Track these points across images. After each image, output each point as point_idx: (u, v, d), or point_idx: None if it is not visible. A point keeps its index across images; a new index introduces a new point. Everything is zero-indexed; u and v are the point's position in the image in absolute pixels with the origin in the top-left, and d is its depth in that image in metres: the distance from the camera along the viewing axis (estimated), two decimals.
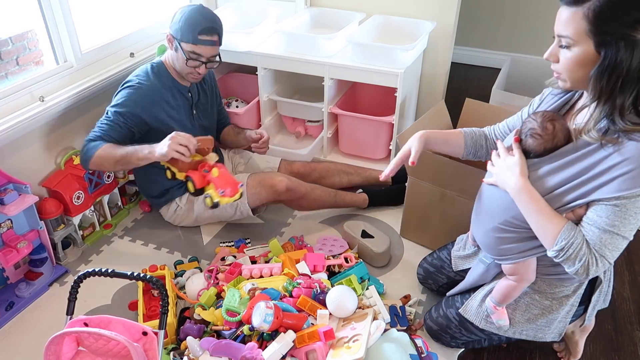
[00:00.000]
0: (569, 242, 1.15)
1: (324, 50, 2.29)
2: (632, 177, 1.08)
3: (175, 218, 2.11)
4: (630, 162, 1.08)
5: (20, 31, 1.86)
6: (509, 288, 1.38)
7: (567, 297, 1.39)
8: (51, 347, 1.26)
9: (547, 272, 1.35)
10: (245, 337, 1.49)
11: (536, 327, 1.43)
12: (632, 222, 1.12)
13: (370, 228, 2.01)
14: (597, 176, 1.13)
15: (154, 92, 1.86)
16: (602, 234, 1.13)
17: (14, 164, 1.83)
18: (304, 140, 2.67)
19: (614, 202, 1.11)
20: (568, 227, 1.16)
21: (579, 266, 1.15)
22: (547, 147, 1.23)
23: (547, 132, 1.23)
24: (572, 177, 1.17)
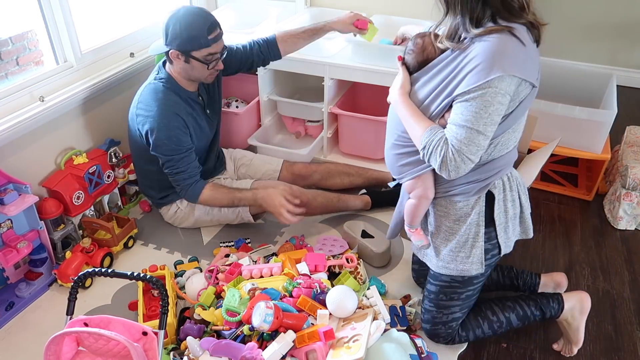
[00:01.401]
0: (430, 139, 1.26)
1: (325, 50, 2.29)
2: (478, 71, 1.18)
3: (175, 219, 2.11)
4: (476, 58, 1.19)
5: (20, 31, 1.86)
6: (412, 207, 1.47)
7: (468, 215, 1.43)
8: (51, 347, 1.26)
9: (444, 189, 1.43)
10: (245, 337, 1.49)
11: (456, 258, 1.47)
12: (484, 116, 1.20)
13: (371, 228, 2.01)
14: (455, 77, 1.25)
15: (179, 110, 1.85)
16: (458, 129, 1.22)
17: (14, 164, 1.83)
18: (304, 140, 2.67)
19: (465, 97, 1.21)
20: (432, 127, 1.28)
21: (440, 160, 1.24)
22: (419, 60, 1.36)
23: (417, 46, 1.37)
24: (439, 83, 1.29)
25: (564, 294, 1.61)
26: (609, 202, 2.26)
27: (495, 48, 1.18)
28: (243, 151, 2.34)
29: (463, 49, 1.25)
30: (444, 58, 1.30)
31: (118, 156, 2.17)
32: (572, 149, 2.24)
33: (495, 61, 1.17)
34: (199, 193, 1.93)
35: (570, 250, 2.07)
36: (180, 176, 1.89)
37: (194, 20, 1.74)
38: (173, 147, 1.84)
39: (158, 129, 1.81)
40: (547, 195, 2.38)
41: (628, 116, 2.92)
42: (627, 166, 2.14)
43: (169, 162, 1.87)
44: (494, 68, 1.17)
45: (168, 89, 1.85)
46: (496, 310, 1.58)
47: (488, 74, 1.17)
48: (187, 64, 1.80)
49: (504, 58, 1.17)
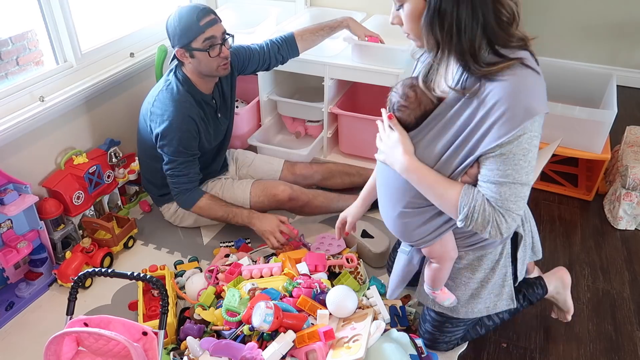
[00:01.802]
0: (471, 206, 1.11)
1: (326, 50, 2.29)
2: (507, 119, 1.04)
3: (176, 218, 2.11)
4: (500, 104, 1.04)
5: (20, 31, 1.86)
6: (435, 271, 1.35)
7: (497, 263, 1.36)
8: (51, 347, 1.26)
9: (467, 243, 1.32)
10: (245, 337, 1.49)
11: (483, 300, 1.41)
12: (524, 166, 1.07)
13: (371, 228, 2.01)
14: (475, 129, 1.09)
15: (193, 113, 1.84)
16: (499, 187, 1.09)
17: (14, 164, 1.83)
18: (304, 140, 2.67)
19: (498, 151, 1.07)
20: (465, 190, 1.12)
21: (490, 228, 1.11)
22: (417, 115, 1.18)
23: (411, 100, 1.18)
24: (453, 137, 1.13)
25: (544, 275, 1.64)
26: (609, 202, 2.26)
27: (518, 88, 1.04)
28: (244, 151, 2.34)
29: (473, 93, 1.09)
30: (450, 106, 1.14)
31: (118, 156, 2.17)
32: (572, 149, 2.24)
33: (522, 104, 1.03)
34: (196, 201, 1.92)
35: (570, 250, 2.07)
36: (180, 179, 1.89)
37: (184, 12, 1.76)
38: (181, 150, 1.84)
39: (170, 129, 1.81)
40: (547, 195, 2.38)
41: (628, 116, 2.92)
42: (627, 166, 2.14)
43: (172, 163, 1.86)
44: (524, 112, 1.03)
45: (185, 91, 1.85)
46: (492, 315, 1.58)
47: (520, 121, 1.03)
48: (194, 59, 1.80)
49: (530, 98, 1.04)
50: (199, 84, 1.88)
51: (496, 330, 1.71)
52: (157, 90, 1.87)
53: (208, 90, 1.93)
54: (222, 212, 1.94)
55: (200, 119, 1.88)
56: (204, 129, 1.92)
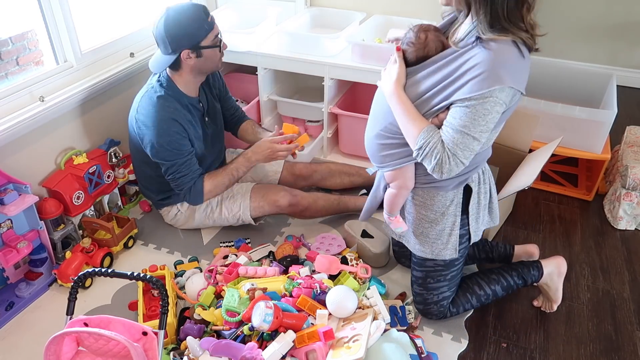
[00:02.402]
0: (426, 141, 1.27)
1: (327, 50, 2.29)
2: (481, 79, 1.19)
3: (176, 222, 2.11)
4: (479, 66, 1.20)
5: (20, 31, 1.86)
6: (392, 196, 1.53)
7: (447, 208, 1.50)
8: (51, 347, 1.26)
9: (424, 181, 1.47)
10: (245, 337, 1.49)
11: (431, 242, 1.55)
12: (482, 124, 1.23)
13: (371, 228, 2.01)
14: (455, 80, 1.25)
15: (178, 116, 1.84)
16: (455, 133, 1.25)
17: (14, 164, 1.83)
18: None
19: (465, 103, 1.23)
20: (428, 128, 1.28)
21: (435, 163, 1.27)
22: (419, 55, 1.34)
23: (420, 41, 1.34)
24: (437, 82, 1.29)
25: (542, 260, 1.72)
26: (609, 202, 2.26)
27: (499, 58, 1.20)
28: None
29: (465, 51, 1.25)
30: (444, 56, 1.30)
31: (118, 156, 2.17)
32: (572, 149, 2.24)
33: (497, 72, 1.19)
34: (201, 190, 1.93)
35: (570, 250, 2.07)
36: (183, 179, 1.89)
37: (188, 13, 1.75)
38: (175, 152, 1.84)
39: (158, 136, 1.80)
40: (547, 195, 2.38)
41: (628, 116, 2.92)
42: (627, 166, 2.14)
43: (172, 168, 1.86)
44: (497, 79, 1.19)
45: (168, 95, 1.84)
46: (482, 284, 1.68)
47: (490, 84, 1.19)
48: (200, 58, 1.80)
49: (505, 70, 1.20)
50: (184, 87, 1.88)
51: (496, 330, 1.71)
52: (140, 97, 1.87)
53: (194, 93, 1.93)
54: (228, 179, 1.97)
55: (187, 122, 1.87)
56: (193, 131, 1.91)
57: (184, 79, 1.86)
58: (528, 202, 2.33)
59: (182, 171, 1.88)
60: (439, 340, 1.66)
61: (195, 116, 1.93)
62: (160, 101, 1.81)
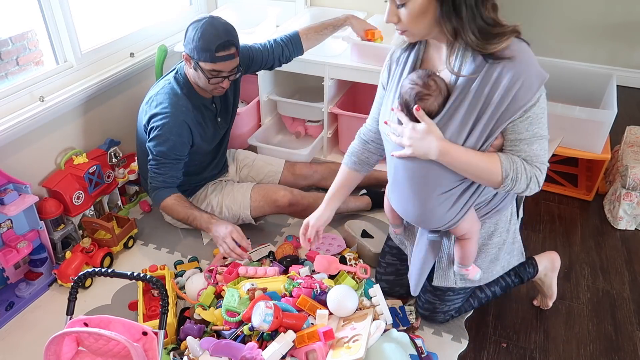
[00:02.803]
0: (514, 169, 1.22)
1: (326, 50, 2.29)
2: (527, 88, 1.16)
3: (176, 221, 2.11)
4: (516, 77, 1.15)
5: (20, 31, 1.86)
6: (466, 246, 1.44)
7: (509, 223, 1.49)
8: (51, 347, 1.26)
9: (484, 212, 1.43)
10: (245, 337, 1.49)
11: (500, 262, 1.54)
12: (544, 122, 1.23)
13: (372, 228, 2.01)
14: (499, 105, 1.18)
15: (189, 119, 1.83)
16: (531, 146, 1.22)
17: (14, 164, 1.83)
18: (304, 140, 2.67)
19: (525, 115, 1.19)
20: (504, 157, 1.23)
21: (531, 184, 1.25)
22: (440, 101, 1.25)
23: (432, 88, 1.25)
24: (478, 117, 1.22)
25: (536, 256, 1.72)
26: (609, 202, 2.26)
27: (526, 60, 1.17)
28: (245, 152, 2.34)
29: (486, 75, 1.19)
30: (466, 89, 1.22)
31: (118, 156, 2.17)
32: (572, 149, 2.24)
33: (534, 72, 1.17)
34: (163, 199, 1.88)
35: (570, 250, 2.07)
36: (158, 177, 1.88)
37: (209, 32, 1.70)
38: (165, 151, 1.83)
39: (162, 129, 1.80)
40: (547, 195, 2.38)
41: (628, 116, 2.92)
42: (627, 166, 2.14)
43: (155, 161, 1.86)
44: (537, 78, 1.17)
45: (184, 94, 1.84)
46: (483, 287, 1.67)
47: (538, 86, 1.17)
48: (195, 72, 1.79)
49: (536, 65, 1.18)
50: (197, 88, 1.88)
51: (496, 330, 1.71)
52: (155, 91, 1.86)
53: (208, 94, 1.92)
54: (183, 214, 1.87)
55: (196, 124, 1.87)
56: (201, 132, 1.91)
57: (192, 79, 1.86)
58: (528, 202, 2.32)
59: (161, 170, 1.86)
60: (439, 340, 1.66)
61: (207, 117, 1.93)
62: (175, 99, 1.82)
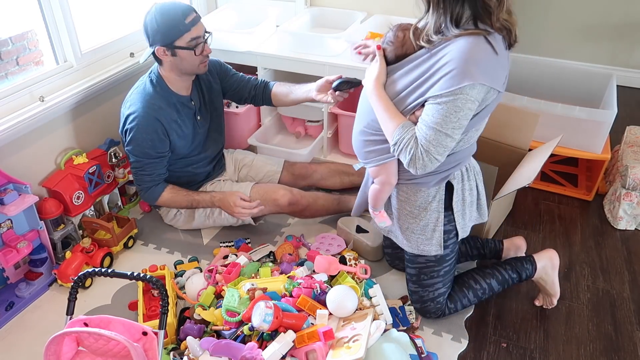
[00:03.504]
0: (401, 137, 1.31)
1: (330, 50, 2.29)
2: (451, 76, 1.22)
3: (176, 222, 2.11)
4: (451, 63, 1.23)
5: (20, 31, 1.86)
6: (375, 191, 1.56)
7: (429, 204, 1.53)
8: (51, 347, 1.26)
9: (406, 177, 1.49)
10: (245, 337, 1.49)
11: (416, 237, 1.58)
12: (453, 121, 1.26)
13: (365, 223, 2.02)
14: (429, 78, 1.28)
15: (161, 116, 1.84)
16: (428, 130, 1.28)
17: (14, 164, 1.83)
18: (304, 140, 2.67)
19: (437, 100, 1.25)
20: (404, 124, 1.32)
21: (409, 158, 1.31)
22: (398, 53, 1.38)
23: (398, 39, 1.38)
24: (413, 80, 1.32)
25: (534, 254, 1.73)
26: (609, 202, 2.26)
27: (469, 55, 1.21)
28: (244, 152, 2.34)
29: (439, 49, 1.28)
30: (420, 55, 1.33)
31: (118, 156, 2.17)
32: (572, 149, 2.24)
33: (468, 69, 1.21)
34: (159, 195, 1.93)
35: (570, 250, 2.07)
36: (144, 178, 1.90)
37: (167, 10, 1.74)
38: (145, 151, 1.84)
39: (136, 129, 1.81)
40: (547, 195, 2.38)
41: (628, 116, 2.92)
42: (627, 166, 2.14)
43: (137, 163, 1.87)
44: (467, 76, 1.21)
45: (157, 93, 1.84)
46: (478, 278, 1.69)
47: (460, 81, 1.21)
48: (175, 57, 1.79)
49: (476, 66, 1.21)
50: (174, 84, 1.87)
51: (496, 330, 1.71)
52: (129, 93, 1.88)
53: (185, 90, 1.92)
54: (185, 202, 1.95)
55: (170, 121, 1.86)
56: (177, 130, 1.90)
57: (169, 76, 1.86)
58: (528, 202, 2.33)
59: (146, 170, 1.88)
60: (439, 340, 1.66)
61: (184, 115, 1.92)
62: (147, 97, 1.83)
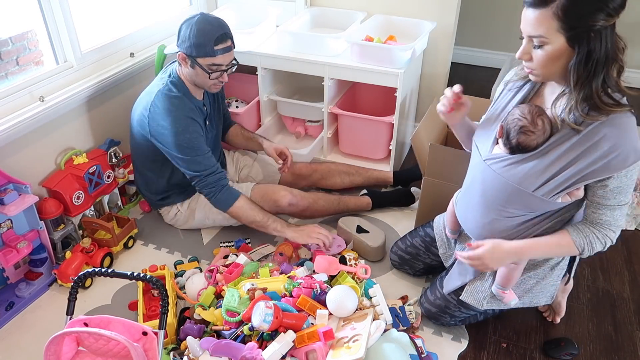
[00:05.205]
0: (586, 242, 1.32)
1: (330, 50, 2.29)
2: (621, 160, 1.19)
3: (176, 222, 2.11)
4: (614, 148, 1.19)
5: (20, 31, 1.86)
6: (511, 270, 1.45)
7: (558, 264, 1.51)
8: (51, 347, 1.26)
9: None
10: (245, 337, 1.49)
11: (532, 295, 1.54)
12: (629, 190, 1.27)
13: (365, 223, 2.02)
14: (591, 164, 1.22)
15: (195, 116, 1.84)
16: (613, 211, 1.28)
17: (14, 164, 1.83)
18: (304, 140, 2.67)
19: (606, 182, 1.23)
20: (573, 234, 1.32)
21: (605, 245, 1.33)
22: (540, 142, 1.28)
23: (538, 128, 1.27)
24: (566, 166, 1.25)
25: None
26: None
27: (629, 135, 1.20)
28: (244, 152, 2.34)
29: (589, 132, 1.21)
30: (564, 133, 1.24)
31: (118, 156, 2.17)
32: None
33: (632, 147, 1.20)
34: (235, 199, 1.87)
35: None
36: (212, 177, 1.84)
37: (205, 27, 1.71)
38: (196, 149, 1.81)
39: (177, 134, 1.77)
40: None
41: None
42: None
43: (196, 164, 1.81)
44: (634, 154, 1.20)
45: (182, 94, 1.83)
46: None
47: (632, 161, 1.20)
48: (192, 70, 1.79)
49: (636, 141, 1.21)
50: (192, 89, 1.88)
51: (496, 330, 1.71)
52: (153, 95, 1.82)
53: (199, 96, 1.92)
54: (261, 216, 1.88)
55: (201, 122, 1.88)
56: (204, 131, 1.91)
57: (187, 80, 1.86)
58: None
59: (208, 167, 1.83)
60: (439, 340, 1.66)
61: (200, 118, 1.92)
62: (176, 100, 1.80)
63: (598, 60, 1.15)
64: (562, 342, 1.64)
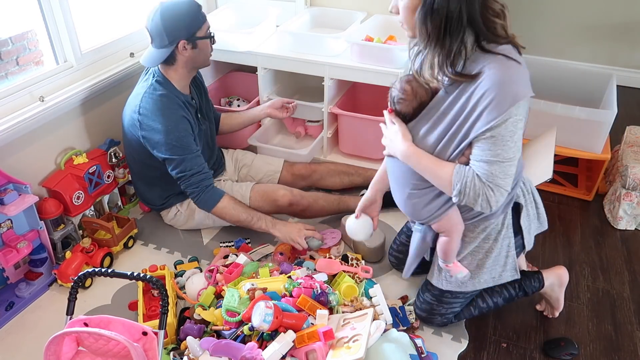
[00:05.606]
0: (463, 182, 1.24)
1: (330, 50, 2.29)
2: (494, 106, 1.16)
3: (176, 222, 2.11)
4: (488, 93, 1.16)
5: (20, 31, 1.86)
6: (445, 244, 1.47)
7: (499, 233, 1.47)
8: (51, 347, 1.26)
9: (470, 216, 1.44)
10: (245, 337, 1.49)
11: (488, 271, 1.52)
12: (511, 145, 1.20)
13: None
14: (468, 116, 1.22)
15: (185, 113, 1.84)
16: (489, 166, 1.21)
17: (14, 164, 1.83)
18: (304, 140, 2.67)
19: (488, 134, 1.19)
20: (457, 169, 1.26)
21: (481, 201, 1.24)
22: (414, 106, 1.31)
23: (407, 93, 1.30)
24: (449, 125, 1.26)
25: (543, 271, 1.69)
26: (609, 202, 2.26)
27: (503, 79, 1.16)
28: (244, 152, 2.34)
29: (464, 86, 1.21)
30: (442, 99, 1.27)
31: (118, 156, 2.17)
32: (572, 149, 2.24)
33: (507, 92, 1.16)
34: (217, 201, 1.87)
35: (570, 250, 2.07)
36: (197, 177, 1.84)
37: (183, 4, 1.77)
38: (184, 148, 1.81)
39: (167, 133, 1.77)
40: (547, 195, 2.37)
41: (628, 116, 2.92)
42: (627, 166, 2.14)
43: (181, 166, 1.81)
44: (508, 99, 1.15)
45: (169, 92, 1.83)
46: (485, 296, 1.66)
47: (507, 107, 1.16)
48: (195, 49, 1.81)
49: (514, 85, 1.17)
50: (178, 83, 1.87)
51: (496, 330, 1.71)
52: (140, 97, 1.81)
53: (186, 90, 1.93)
54: (245, 215, 1.89)
55: (191, 118, 1.88)
56: (195, 126, 1.91)
57: (178, 74, 1.86)
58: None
59: (194, 167, 1.83)
60: (439, 340, 1.66)
61: (190, 113, 1.91)
62: (164, 100, 1.80)
63: (448, 18, 1.13)
64: (562, 342, 1.64)
